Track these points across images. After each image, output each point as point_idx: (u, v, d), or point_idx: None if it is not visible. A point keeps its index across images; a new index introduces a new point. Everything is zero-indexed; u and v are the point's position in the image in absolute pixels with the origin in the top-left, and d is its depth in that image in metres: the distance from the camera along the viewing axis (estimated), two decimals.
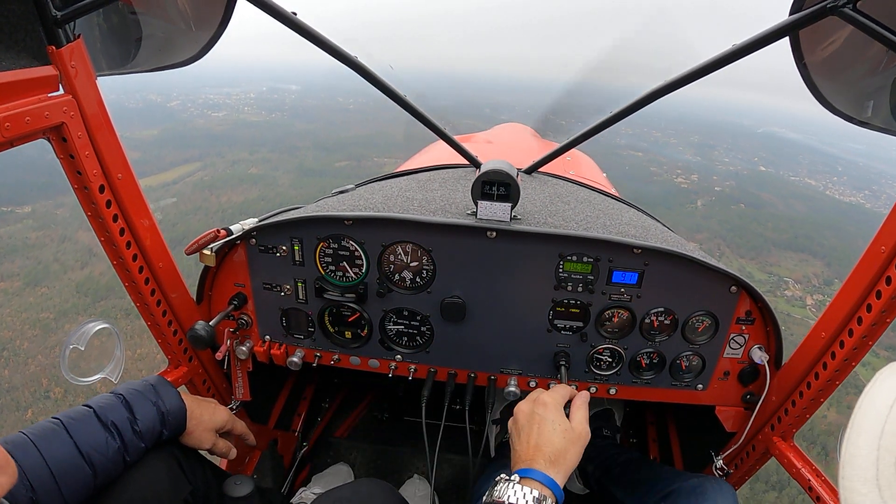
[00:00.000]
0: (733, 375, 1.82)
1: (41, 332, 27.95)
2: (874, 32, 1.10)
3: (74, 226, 40.80)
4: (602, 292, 1.70)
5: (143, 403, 1.39)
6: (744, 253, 51.46)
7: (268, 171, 62.86)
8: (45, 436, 1.19)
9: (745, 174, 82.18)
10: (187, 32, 1.56)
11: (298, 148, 76.12)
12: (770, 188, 74.71)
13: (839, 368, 1.52)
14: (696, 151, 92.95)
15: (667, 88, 1.55)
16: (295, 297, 1.84)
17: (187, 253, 1.69)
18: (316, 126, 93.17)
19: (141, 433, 1.35)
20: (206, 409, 1.60)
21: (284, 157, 70.59)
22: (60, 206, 44.19)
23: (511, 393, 1.83)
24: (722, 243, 51.69)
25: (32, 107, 1.13)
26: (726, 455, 1.96)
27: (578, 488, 2.45)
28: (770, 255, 51.51)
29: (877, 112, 1.39)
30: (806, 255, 51.86)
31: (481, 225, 1.59)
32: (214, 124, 42.28)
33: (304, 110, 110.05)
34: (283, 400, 2.57)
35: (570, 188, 2.22)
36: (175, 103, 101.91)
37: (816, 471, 1.64)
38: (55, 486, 1.15)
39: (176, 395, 1.50)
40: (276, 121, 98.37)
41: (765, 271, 48.14)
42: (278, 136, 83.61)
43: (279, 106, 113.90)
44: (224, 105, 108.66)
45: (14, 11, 1.10)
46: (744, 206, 65.53)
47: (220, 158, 68.65)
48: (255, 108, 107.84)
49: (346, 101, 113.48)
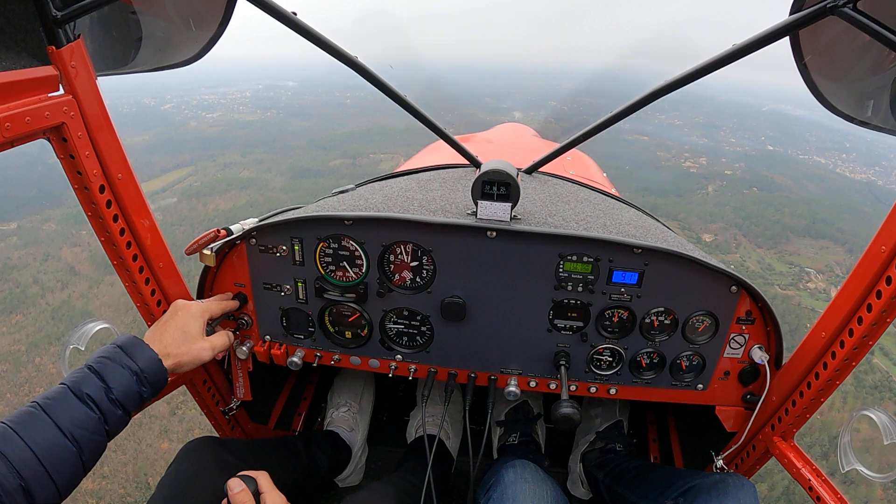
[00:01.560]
0: (733, 375, 1.82)
1: (11, 367, 25.43)
2: (874, 32, 1.10)
3: (59, 242, 39.55)
4: (602, 292, 1.70)
5: (114, 370, 1.33)
6: (761, 242, 49.36)
7: (260, 174, 61.74)
8: (25, 421, 1.18)
9: (754, 155, 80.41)
10: (187, 32, 1.56)
11: (293, 147, 75.00)
12: (780, 169, 72.89)
13: (839, 368, 1.52)
14: (703, 133, 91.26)
15: (667, 88, 1.55)
16: (295, 297, 1.84)
17: (187, 253, 1.69)
18: (312, 123, 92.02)
19: (118, 401, 1.31)
20: (176, 340, 1.52)
21: (278, 158, 69.50)
22: (47, 220, 42.89)
23: (511, 393, 1.83)
24: (738, 233, 49.86)
25: (32, 107, 1.13)
26: (726, 455, 1.96)
27: (582, 493, 2.44)
28: (788, 244, 49.34)
29: (876, 112, 1.39)
30: (826, 242, 49.19)
31: (481, 225, 1.59)
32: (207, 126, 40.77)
33: (301, 107, 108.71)
34: (283, 400, 2.57)
35: (570, 188, 2.22)
36: (169, 106, 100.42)
37: (817, 470, 1.64)
38: (42, 469, 1.15)
39: (147, 350, 1.41)
40: (272, 119, 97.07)
41: (785, 262, 45.93)
42: (273, 135, 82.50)
43: (275, 103, 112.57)
44: (218, 105, 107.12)
45: (14, 11, 1.10)
46: (756, 190, 63.49)
47: (211, 162, 67.15)
48: (250, 107, 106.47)
49: (342, 96, 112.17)
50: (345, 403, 2.60)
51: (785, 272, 43.72)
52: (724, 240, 48.19)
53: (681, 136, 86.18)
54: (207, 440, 1.71)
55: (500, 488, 1.62)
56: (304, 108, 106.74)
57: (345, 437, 2.45)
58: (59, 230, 41.11)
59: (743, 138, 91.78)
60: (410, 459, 2.34)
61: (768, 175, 68.67)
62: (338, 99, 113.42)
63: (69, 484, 1.22)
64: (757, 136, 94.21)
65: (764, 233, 50.68)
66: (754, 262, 44.99)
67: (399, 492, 1.85)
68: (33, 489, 1.13)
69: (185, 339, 1.54)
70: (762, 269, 44.02)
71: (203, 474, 1.56)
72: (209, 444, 1.68)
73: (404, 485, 1.95)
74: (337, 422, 2.52)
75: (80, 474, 1.24)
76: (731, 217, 53.27)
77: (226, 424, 2.15)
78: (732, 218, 53.08)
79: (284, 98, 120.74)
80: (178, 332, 1.53)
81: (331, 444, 2.35)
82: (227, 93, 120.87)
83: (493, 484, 1.68)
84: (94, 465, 1.29)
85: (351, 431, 2.50)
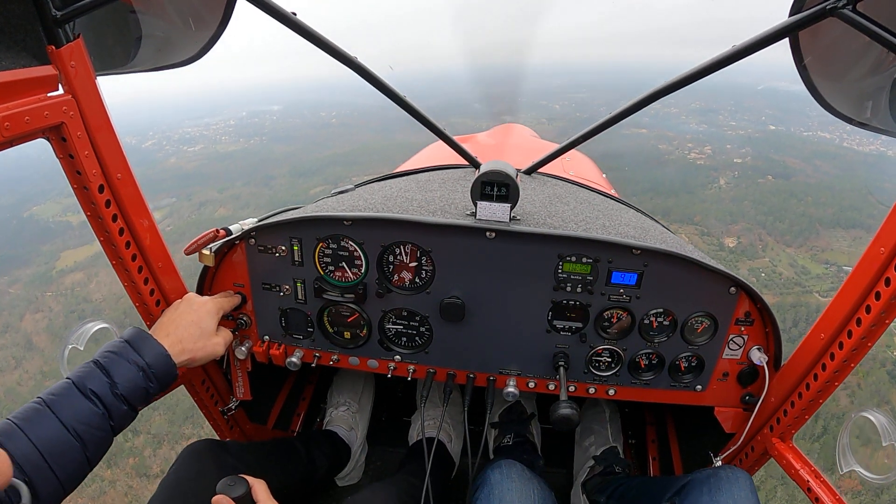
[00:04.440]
0: (732, 376, 1.82)
1: None
2: (874, 34, 1.10)
3: (22, 309, 36.83)
4: (601, 293, 1.70)
5: (119, 364, 1.33)
6: (790, 240, 44.15)
7: (236, 211, 57.86)
8: (30, 418, 1.19)
9: (758, 137, 77.96)
10: (187, 32, 1.56)
11: (273, 177, 72.26)
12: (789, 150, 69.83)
13: (838, 369, 1.52)
14: (702, 119, 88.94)
15: (667, 89, 1.56)
16: (294, 298, 1.84)
17: (186, 253, 1.69)
18: (295, 148, 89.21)
19: (123, 396, 1.31)
20: (192, 335, 1.52)
21: (256, 191, 66.54)
22: (16, 281, 40.13)
23: (510, 394, 1.83)
24: (763, 232, 45.15)
25: (32, 106, 1.13)
26: (725, 456, 1.96)
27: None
28: (819, 239, 44.38)
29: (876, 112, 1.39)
30: (859, 231, 43.78)
31: (480, 225, 1.59)
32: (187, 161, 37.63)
33: (285, 130, 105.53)
34: (281, 400, 2.57)
35: (569, 189, 2.22)
36: (150, 143, 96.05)
37: (815, 472, 1.64)
38: (46, 465, 1.16)
39: (155, 344, 1.41)
40: (254, 147, 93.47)
41: (819, 261, 41.19)
42: (254, 164, 79.77)
43: (259, 130, 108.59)
44: (200, 138, 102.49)
45: (14, 11, 1.10)
46: (772, 178, 59.82)
47: (187, 202, 63.68)
48: (233, 136, 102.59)
49: (328, 116, 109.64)
50: (344, 402, 2.60)
51: (822, 275, 39.06)
52: (749, 242, 44.34)
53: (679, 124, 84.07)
54: (208, 442, 1.71)
55: (487, 489, 1.63)
56: (289, 132, 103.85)
57: (344, 437, 2.46)
58: (24, 294, 38.21)
59: (743, 120, 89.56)
60: (412, 461, 2.34)
61: (779, 159, 65.89)
62: (323, 119, 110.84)
63: (73, 480, 1.22)
64: (757, 116, 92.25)
65: (791, 229, 46.45)
66: (786, 265, 40.93)
67: (401, 492, 1.85)
68: (37, 485, 1.14)
69: (202, 334, 1.55)
70: (797, 273, 39.93)
71: (203, 476, 1.56)
72: (210, 446, 1.69)
73: (406, 486, 1.95)
74: (336, 421, 2.52)
75: (84, 470, 1.25)
76: (752, 214, 49.38)
77: (224, 425, 2.15)
78: (754, 215, 49.13)
79: (269, 123, 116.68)
80: (194, 328, 1.55)
81: (330, 444, 2.36)
82: (210, 123, 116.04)
83: (480, 485, 1.68)
84: (99, 461, 1.30)
85: (350, 430, 2.50)
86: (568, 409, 1.56)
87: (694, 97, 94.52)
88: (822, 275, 39.07)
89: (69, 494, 1.23)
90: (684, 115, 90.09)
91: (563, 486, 2.53)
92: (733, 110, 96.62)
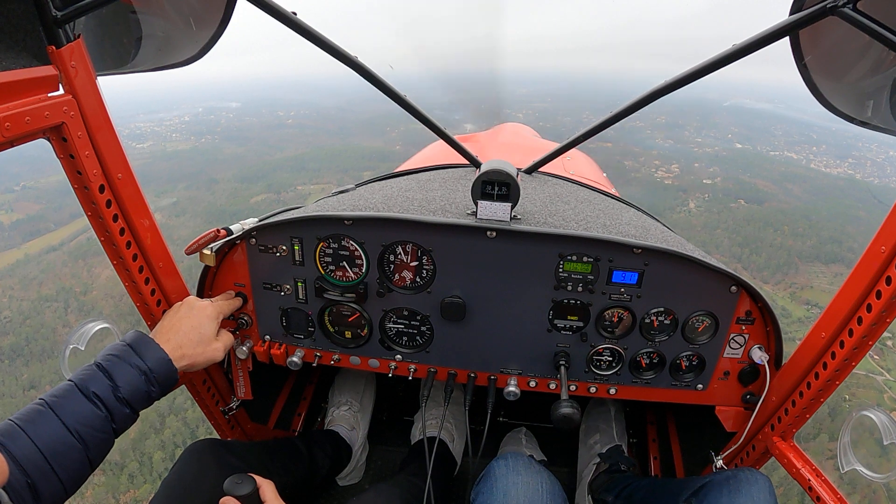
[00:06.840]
0: (733, 375, 1.82)
1: None
2: (874, 32, 1.10)
3: None
4: (602, 292, 1.70)
5: (121, 368, 1.33)
6: (767, 277, 43.02)
7: (169, 218, 54.25)
8: (32, 419, 1.19)
9: (725, 155, 77.60)
10: (187, 32, 1.56)
11: (217, 181, 68.32)
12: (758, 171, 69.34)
13: (839, 368, 1.52)
14: (667, 134, 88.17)
15: (666, 89, 1.55)
16: (295, 297, 1.84)
17: (187, 253, 1.69)
18: (247, 149, 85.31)
19: (125, 399, 1.31)
20: (192, 340, 1.51)
21: (197, 196, 62.58)
22: None
23: (511, 393, 1.83)
24: (738, 266, 42.63)
25: (32, 107, 1.12)
26: (726, 455, 1.96)
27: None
28: (798, 275, 43.08)
29: (876, 112, 1.39)
30: (839, 267, 42.80)
31: (481, 225, 1.59)
32: (132, 159, 35.94)
33: (239, 130, 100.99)
34: (282, 400, 2.57)
35: (570, 188, 2.22)
36: None
37: (816, 471, 1.64)
38: (48, 467, 1.16)
39: (157, 349, 1.41)
40: (204, 147, 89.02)
41: (799, 301, 39.33)
42: (200, 166, 75.48)
43: (212, 128, 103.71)
44: (150, 134, 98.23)
45: (14, 11, 1.10)
46: (744, 203, 58.86)
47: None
48: (184, 134, 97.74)
49: (285, 115, 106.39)
50: (346, 402, 2.60)
51: (804, 318, 36.85)
52: None
53: (645, 139, 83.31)
54: (210, 442, 1.72)
55: (490, 481, 1.56)
56: (243, 132, 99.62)
57: (345, 436, 2.46)
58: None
59: (709, 137, 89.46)
60: (414, 461, 2.34)
61: (749, 181, 65.53)
62: (280, 119, 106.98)
63: (75, 481, 1.23)
64: (723, 133, 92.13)
65: (768, 263, 44.68)
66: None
67: (404, 493, 1.85)
68: (39, 486, 1.14)
69: (201, 339, 1.54)
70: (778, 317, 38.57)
71: (205, 475, 1.57)
72: (212, 446, 1.69)
73: (409, 486, 1.95)
74: (338, 420, 2.52)
75: (86, 471, 1.26)
76: (726, 245, 47.58)
77: (225, 424, 2.15)
78: (728, 246, 47.55)
79: (224, 121, 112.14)
80: (193, 333, 1.54)
81: (331, 444, 2.36)
82: (164, 119, 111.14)
83: (483, 477, 1.62)
84: (101, 462, 1.31)
85: (352, 430, 2.50)
86: (569, 408, 1.56)
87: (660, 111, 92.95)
88: (804, 318, 37.34)
89: (71, 496, 1.23)
90: (650, 130, 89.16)
91: (568, 486, 2.53)
92: (699, 126, 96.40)
